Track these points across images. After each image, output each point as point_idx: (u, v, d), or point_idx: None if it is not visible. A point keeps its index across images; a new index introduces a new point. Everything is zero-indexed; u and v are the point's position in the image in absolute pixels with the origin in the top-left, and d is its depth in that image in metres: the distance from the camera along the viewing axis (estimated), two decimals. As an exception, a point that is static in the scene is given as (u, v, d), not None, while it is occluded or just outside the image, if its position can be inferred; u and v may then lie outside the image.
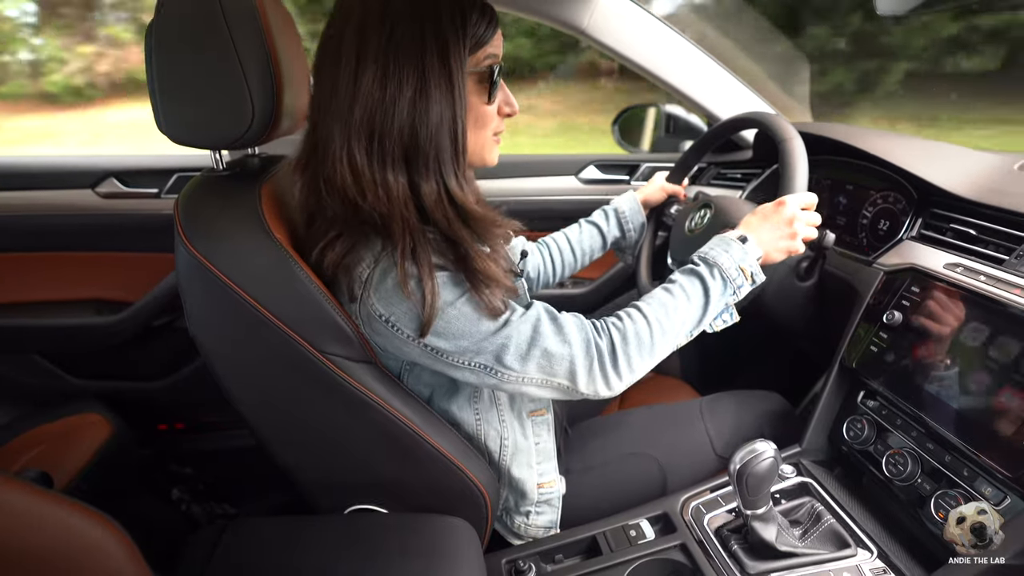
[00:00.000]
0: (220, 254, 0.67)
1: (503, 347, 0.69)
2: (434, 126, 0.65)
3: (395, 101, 0.64)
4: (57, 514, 0.49)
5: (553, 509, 0.89)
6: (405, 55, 0.64)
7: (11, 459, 1.17)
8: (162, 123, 0.73)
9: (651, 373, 1.45)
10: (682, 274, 0.80)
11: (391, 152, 0.66)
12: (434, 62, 0.64)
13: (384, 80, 0.64)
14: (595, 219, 1.16)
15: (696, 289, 0.78)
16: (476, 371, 0.70)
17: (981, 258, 0.84)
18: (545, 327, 0.70)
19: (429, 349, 0.69)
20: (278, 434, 0.78)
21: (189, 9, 0.68)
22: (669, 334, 0.76)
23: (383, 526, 0.77)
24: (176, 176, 1.39)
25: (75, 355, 1.47)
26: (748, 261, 0.80)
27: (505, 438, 0.83)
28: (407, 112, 0.65)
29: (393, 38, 0.64)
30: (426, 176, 0.67)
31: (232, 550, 0.72)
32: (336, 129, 0.66)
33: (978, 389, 0.73)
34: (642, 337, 0.74)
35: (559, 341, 0.70)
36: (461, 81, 0.66)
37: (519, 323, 0.70)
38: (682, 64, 1.41)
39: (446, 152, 0.67)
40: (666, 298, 0.77)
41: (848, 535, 0.76)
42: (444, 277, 0.67)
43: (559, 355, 0.70)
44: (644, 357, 0.74)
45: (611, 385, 0.74)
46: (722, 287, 0.78)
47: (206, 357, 0.73)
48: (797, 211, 0.85)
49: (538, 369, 0.70)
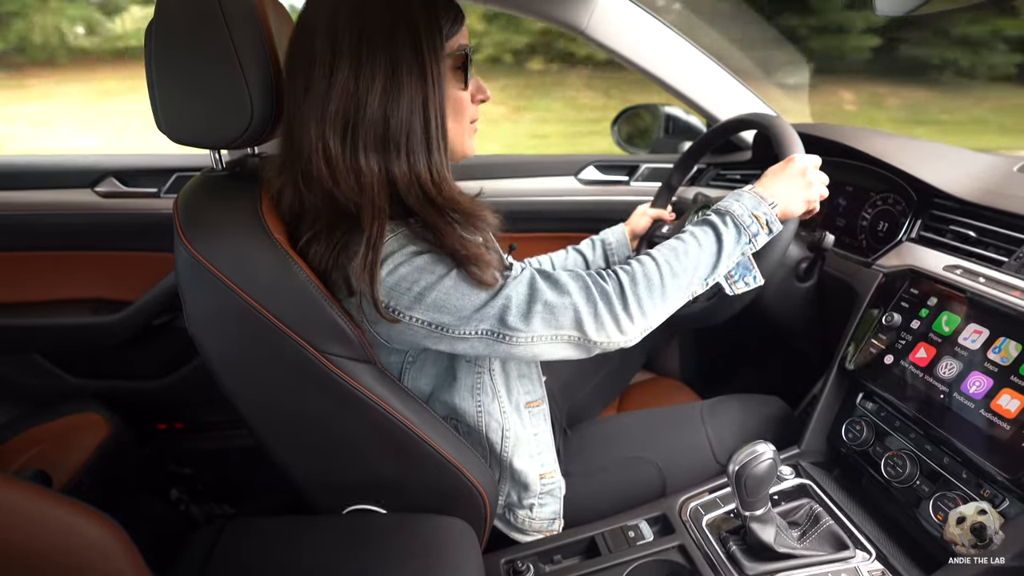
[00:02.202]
0: (219, 254, 0.67)
1: (504, 308, 0.69)
2: (405, 112, 0.67)
3: (368, 90, 0.66)
4: (56, 513, 0.49)
5: (556, 500, 0.89)
6: (377, 44, 0.66)
7: (10, 458, 1.17)
8: (162, 122, 0.73)
9: (651, 374, 1.46)
10: (694, 225, 0.80)
11: (364, 139, 0.67)
12: (406, 51, 0.66)
13: (358, 70, 0.66)
14: (582, 248, 1.16)
15: (708, 236, 0.77)
16: (484, 339, 0.70)
17: (980, 260, 0.84)
18: (540, 283, 0.71)
19: (433, 327, 0.69)
20: (277, 434, 0.77)
21: (189, 9, 0.69)
22: (681, 277, 0.75)
23: (382, 526, 0.77)
24: (175, 176, 1.39)
25: (74, 354, 1.47)
26: (762, 209, 0.79)
27: (507, 429, 0.83)
28: (379, 100, 0.66)
29: (365, 31, 0.66)
30: (399, 162, 0.68)
31: (231, 550, 0.72)
32: (312, 125, 0.67)
33: (977, 391, 0.73)
34: (651, 278, 0.73)
35: (557, 293, 0.71)
36: (435, 68, 0.68)
37: (515, 284, 0.70)
38: (681, 65, 1.41)
39: (418, 140, 0.68)
40: (676, 243, 0.77)
41: (847, 537, 0.76)
42: (428, 258, 0.68)
43: (560, 305, 0.70)
44: (655, 299, 0.73)
45: (623, 328, 0.72)
46: (736, 234, 0.78)
47: (205, 357, 0.73)
48: (809, 164, 0.85)
49: (543, 324, 0.70)
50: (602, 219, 1.27)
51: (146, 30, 0.70)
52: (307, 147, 0.67)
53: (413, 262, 0.67)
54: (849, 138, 1.12)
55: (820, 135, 1.16)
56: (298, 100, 0.68)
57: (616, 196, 1.57)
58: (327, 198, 0.68)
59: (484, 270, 0.68)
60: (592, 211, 1.56)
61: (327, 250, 0.69)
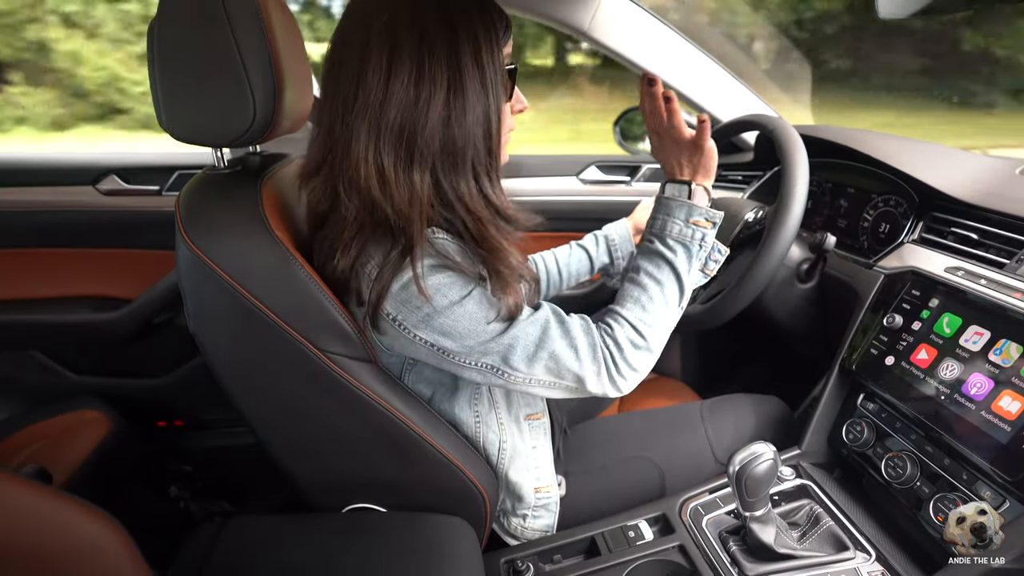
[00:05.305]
0: (221, 251, 0.67)
1: (510, 348, 0.68)
2: (470, 125, 0.66)
3: (429, 101, 0.64)
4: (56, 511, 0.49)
5: (550, 514, 0.89)
6: (440, 54, 0.64)
7: (10, 455, 1.17)
8: (164, 120, 0.73)
9: (652, 374, 1.45)
10: (644, 258, 0.78)
11: (422, 152, 0.65)
12: (468, 61, 0.65)
13: (419, 80, 0.64)
14: (585, 243, 1.16)
15: (663, 271, 0.76)
16: (483, 371, 0.70)
17: (982, 262, 0.84)
18: (553, 330, 0.70)
19: (436, 349, 0.69)
20: (277, 432, 0.78)
21: (191, 7, 0.69)
22: (659, 324, 0.75)
23: (382, 525, 0.77)
24: (177, 173, 1.39)
25: (75, 351, 1.47)
26: (697, 211, 0.77)
27: (503, 441, 0.83)
28: (441, 111, 0.64)
29: (427, 38, 0.63)
30: (463, 176, 0.67)
31: (230, 548, 0.72)
32: (362, 130, 0.65)
33: (978, 393, 0.73)
34: (635, 341, 0.74)
35: (566, 345, 0.70)
36: (495, 79, 0.66)
37: (526, 324, 0.69)
38: (683, 65, 1.41)
39: (481, 151, 0.67)
40: (638, 293, 0.76)
41: (847, 538, 0.76)
42: (451, 276, 0.67)
43: (566, 359, 0.70)
44: (643, 355, 0.75)
45: (620, 387, 0.74)
46: (686, 253, 0.77)
47: (206, 354, 0.73)
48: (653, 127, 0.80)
49: (546, 371, 0.70)
50: (603, 219, 1.27)
51: (149, 28, 0.70)
52: (355, 156, 0.65)
53: (435, 277, 0.66)
54: (851, 140, 1.12)
55: (822, 136, 1.16)
56: (345, 107, 0.66)
57: (617, 196, 1.57)
58: (368, 207, 0.66)
59: (510, 294, 0.67)
60: (593, 211, 1.56)
61: (352, 258, 0.68)
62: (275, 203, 0.73)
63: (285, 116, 0.75)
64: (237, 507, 1.48)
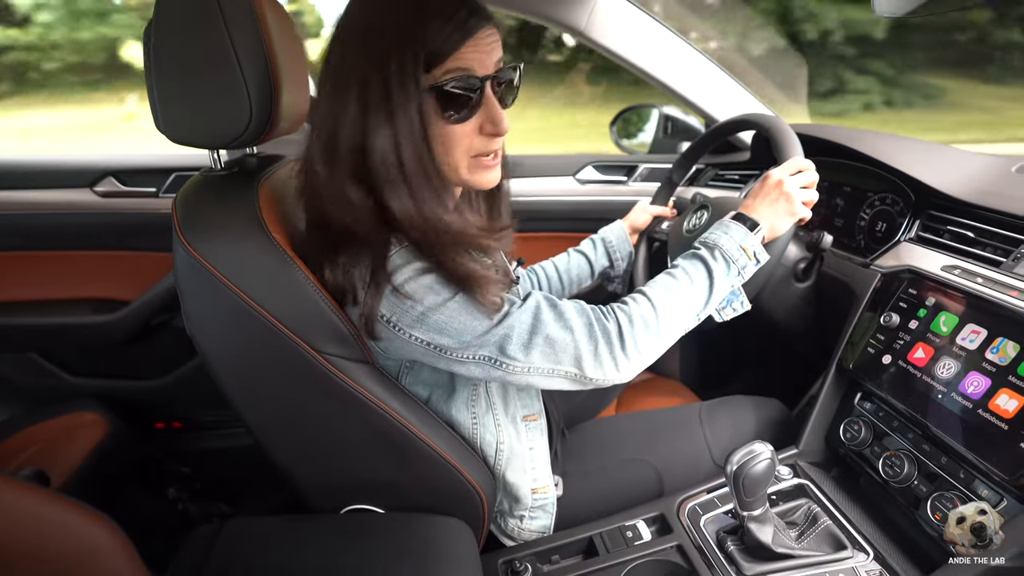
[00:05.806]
0: (218, 253, 0.67)
1: (506, 337, 0.68)
2: (381, 146, 0.64)
3: (340, 118, 0.64)
4: (53, 513, 0.49)
5: (547, 515, 0.89)
6: (348, 73, 0.64)
7: (8, 457, 1.17)
8: (160, 122, 0.73)
9: (650, 374, 1.46)
10: (684, 259, 0.80)
11: (344, 166, 0.66)
12: (373, 81, 0.62)
13: (333, 96, 0.65)
14: (583, 248, 1.16)
15: (699, 272, 0.78)
16: (481, 364, 0.70)
17: (978, 260, 0.84)
18: (546, 314, 0.70)
19: (432, 347, 0.69)
20: (275, 433, 0.77)
21: (188, 9, 0.69)
22: (675, 315, 0.76)
23: (380, 526, 0.77)
24: (174, 175, 1.39)
25: (72, 354, 1.47)
26: (749, 241, 0.80)
27: (501, 442, 0.83)
28: (350, 130, 0.65)
29: (344, 55, 0.65)
30: (395, 195, 0.66)
31: (228, 549, 0.72)
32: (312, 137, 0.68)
33: (975, 391, 0.73)
34: (648, 320, 0.74)
35: (560, 327, 0.70)
36: (406, 101, 0.62)
37: (519, 313, 0.70)
38: (680, 65, 1.41)
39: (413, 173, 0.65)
40: (670, 282, 0.77)
41: (845, 537, 0.76)
42: (434, 278, 0.67)
43: (562, 341, 0.70)
44: (651, 338, 0.74)
45: (620, 367, 0.73)
46: (725, 268, 0.78)
47: (204, 356, 0.73)
48: (784, 176, 0.85)
49: (543, 357, 0.70)
50: (600, 219, 1.27)
51: (145, 30, 0.70)
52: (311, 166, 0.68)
53: (420, 280, 0.66)
54: (847, 138, 1.12)
55: (818, 135, 1.16)
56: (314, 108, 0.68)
57: (614, 196, 1.57)
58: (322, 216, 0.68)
59: (487, 292, 0.67)
60: (590, 211, 1.56)
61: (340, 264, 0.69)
62: (272, 205, 0.73)
63: (282, 117, 0.75)
64: (235, 508, 1.48)
